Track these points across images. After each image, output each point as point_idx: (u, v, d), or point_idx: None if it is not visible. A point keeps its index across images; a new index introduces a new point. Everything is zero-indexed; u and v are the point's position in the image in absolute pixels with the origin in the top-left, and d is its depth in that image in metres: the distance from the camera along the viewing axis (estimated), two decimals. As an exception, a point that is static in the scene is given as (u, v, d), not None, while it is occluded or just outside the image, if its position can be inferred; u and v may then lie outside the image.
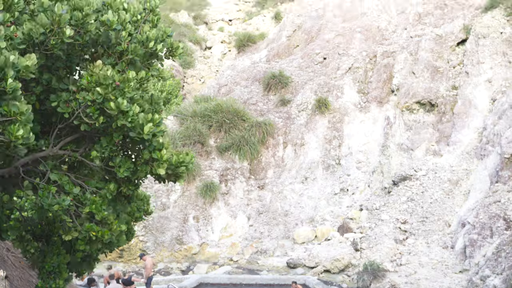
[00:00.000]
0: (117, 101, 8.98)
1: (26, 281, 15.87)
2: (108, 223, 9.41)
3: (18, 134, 8.17)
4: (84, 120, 9.31)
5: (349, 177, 35.54)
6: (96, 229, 9.26)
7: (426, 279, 25.09)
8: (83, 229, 9.27)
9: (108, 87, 9.04)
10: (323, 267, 29.69)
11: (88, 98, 9.09)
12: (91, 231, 9.25)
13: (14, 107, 8.09)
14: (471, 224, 26.37)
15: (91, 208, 9.18)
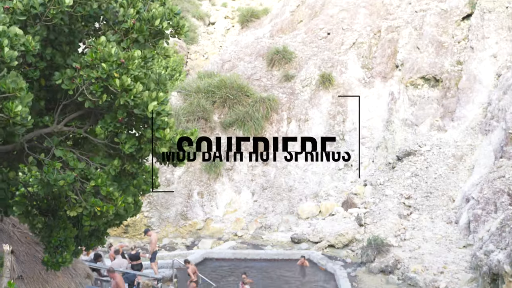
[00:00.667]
0: (121, 78, 8.94)
1: (32, 256, 15.94)
2: (113, 198, 9.42)
3: (17, 110, 8.15)
4: (88, 97, 9.28)
5: (353, 152, 35.50)
6: (101, 204, 9.27)
7: (430, 254, 25.16)
8: (87, 204, 9.28)
9: (113, 64, 9.00)
10: (327, 242, 29.79)
11: (92, 75, 9.06)
12: (95, 206, 9.26)
13: (13, 83, 8.07)
14: (475, 199, 26.37)
15: (97, 182, 9.18)
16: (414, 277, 23.41)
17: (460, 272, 23.25)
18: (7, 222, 15.82)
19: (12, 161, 10.34)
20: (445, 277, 23.10)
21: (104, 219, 9.74)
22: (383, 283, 24.26)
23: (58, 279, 16.15)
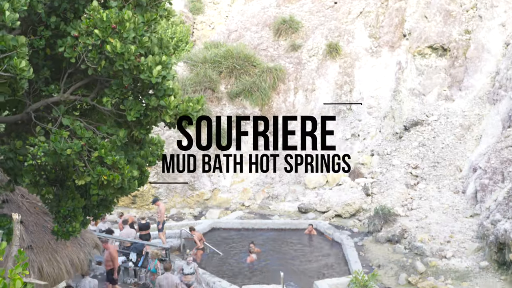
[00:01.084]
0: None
1: (41, 227, 16.05)
2: (119, 167, 9.43)
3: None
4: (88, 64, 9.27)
5: (360, 122, 35.46)
6: (107, 173, 9.29)
7: (437, 224, 25.22)
8: (94, 173, 9.30)
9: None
10: (334, 211, 29.88)
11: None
12: (102, 175, 9.28)
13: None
14: (483, 169, 26.34)
15: (100, 152, 9.19)
16: (421, 247, 23.49)
17: (466, 241, 23.31)
18: (16, 193, 15.91)
19: (19, 131, 10.36)
20: (452, 246, 23.17)
21: (111, 189, 9.77)
22: (389, 253, 24.36)
23: (67, 248, 16.28)
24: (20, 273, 6.51)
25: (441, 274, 21.35)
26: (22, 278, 6.18)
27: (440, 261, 22.32)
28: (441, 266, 22.01)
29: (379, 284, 21.13)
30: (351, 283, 20.28)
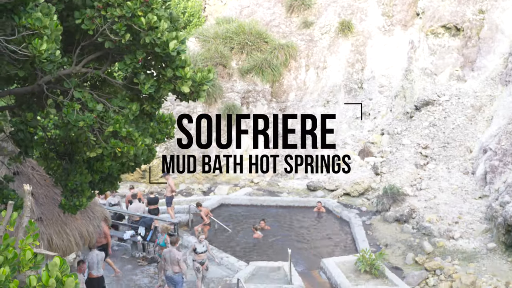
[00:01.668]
0: (147, 16, 8.89)
1: (51, 199, 16.14)
2: (133, 139, 9.46)
3: (42, 49, 8.13)
4: (109, 37, 9.24)
5: (371, 101, 35.35)
6: (121, 145, 9.31)
7: (446, 204, 25.21)
8: (108, 146, 9.32)
9: (137, 2, 8.92)
10: (343, 190, 29.91)
11: (116, 14, 8.99)
12: (116, 147, 9.30)
13: (38, 20, 8.03)
14: (493, 150, 26.24)
15: (115, 127, 9.20)
16: (429, 227, 23.50)
17: (475, 222, 23.31)
18: (26, 165, 15.99)
19: (30, 103, 10.38)
20: (460, 227, 23.17)
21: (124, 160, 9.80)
22: (397, 232, 24.39)
23: (76, 221, 16.38)
24: (30, 244, 6.57)
25: (448, 255, 21.38)
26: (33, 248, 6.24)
27: (447, 241, 22.34)
28: (448, 246, 22.03)
29: (386, 263, 21.19)
30: (358, 261, 20.37)
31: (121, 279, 20.39)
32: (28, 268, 6.04)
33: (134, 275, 20.86)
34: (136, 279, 20.46)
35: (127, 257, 22.58)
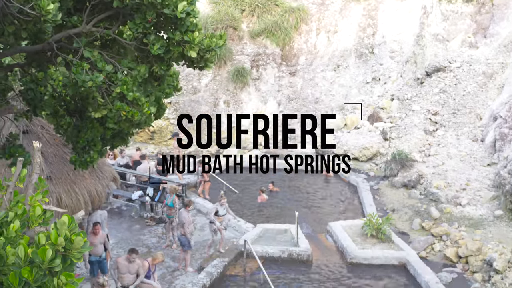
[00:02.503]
0: None
1: (60, 158, 16.22)
2: (139, 104, 9.44)
3: (49, 9, 8.09)
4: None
5: (382, 66, 35.12)
6: (127, 109, 9.30)
7: (454, 171, 25.19)
8: (114, 108, 9.31)
9: None
10: (352, 154, 29.90)
11: None
12: (122, 111, 9.29)
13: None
14: (503, 118, 26.12)
15: (122, 88, 9.18)
16: (437, 193, 23.53)
17: (482, 189, 23.31)
18: (35, 124, 16.04)
19: (40, 61, 10.36)
20: (467, 194, 23.19)
21: (128, 123, 9.80)
22: (405, 197, 24.44)
23: (85, 180, 16.48)
24: (40, 200, 6.62)
25: (455, 221, 21.43)
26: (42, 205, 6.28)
27: (454, 208, 22.38)
28: (455, 213, 22.08)
29: (392, 228, 21.28)
30: (365, 225, 20.46)
31: (129, 239, 20.57)
32: (37, 224, 6.09)
33: (142, 235, 21.03)
34: (144, 239, 20.64)
35: (135, 217, 22.75)
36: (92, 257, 16.23)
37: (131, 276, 14.52)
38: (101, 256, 16.20)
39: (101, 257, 16.22)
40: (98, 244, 16.07)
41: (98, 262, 16.22)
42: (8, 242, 5.24)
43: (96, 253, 16.14)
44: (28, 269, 4.71)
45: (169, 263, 18.49)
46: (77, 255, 4.95)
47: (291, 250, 19.01)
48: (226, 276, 17.87)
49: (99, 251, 16.15)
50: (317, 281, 17.62)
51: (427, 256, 19.45)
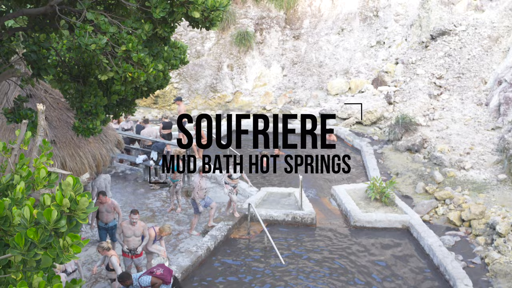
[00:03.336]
0: None
1: (64, 122, 16.22)
2: (144, 65, 9.39)
3: None
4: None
5: (386, 30, 34.88)
6: (132, 70, 9.25)
7: (458, 135, 25.16)
8: (119, 69, 9.26)
9: None
10: (355, 118, 29.89)
11: None
12: (127, 72, 9.24)
13: None
14: (508, 82, 26.00)
15: (128, 46, 9.11)
16: (440, 157, 23.54)
17: (486, 154, 23.30)
18: (39, 88, 16.01)
19: (43, 24, 10.31)
20: (471, 158, 23.19)
21: (134, 85, 9.76)
22: (408, 161, 24.47)
23: (89, 144, 16.51)
24: (44, 163, 6.64)
25: (459, 185, 21.48)
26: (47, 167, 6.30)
27: (458, 172, 22.41)
28: (459, 177, 22.11)
29: (396, 191, 21.35)
30: (368, 189, 20.52)
31: (133, 203, 20.68)
32: (42, 186, 6.12)
33: (146, 199, 21.13)
34: (148, 203, 20.74)
35: (139, 181, 22.83)
36: (100, 222, 16.33)
37: (137, 239, 14.61)
38: (107, 224, 16.27)
39: (107, 225, 16.28)
40: (104, 212, 16.14)
41: (105, 228, 16.33)
42: (13, 204, 5.26)
43: (103, 219, 16.24)
44: (33, 229, 4.74)
45: (174, 227, 18.61)
46: (82, 215, 4.97)
47: (295, 213, 19.10)
48: (230, 239, 18.00)
49: (104, 218, 16.22)
50: (321, 244, 17.73)
51: (430, 219, 19.54)
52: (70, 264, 13.14)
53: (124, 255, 14.78)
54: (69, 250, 4.87)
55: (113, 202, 16.21)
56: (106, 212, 16.12)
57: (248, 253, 17.22)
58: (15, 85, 14.19)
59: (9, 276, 5.12)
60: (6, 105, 13.59)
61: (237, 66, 35.03)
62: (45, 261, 4.94)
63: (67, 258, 4.86)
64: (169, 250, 16.89)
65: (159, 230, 15.04)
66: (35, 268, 5.06)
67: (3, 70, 10.50)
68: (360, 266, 16.49)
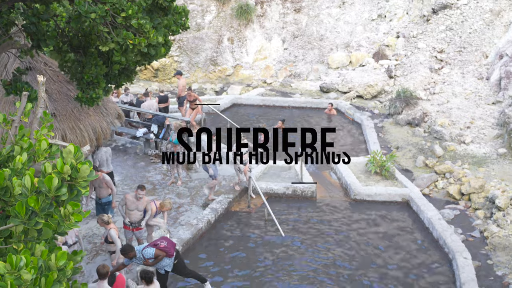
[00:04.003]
0: None
1: (64, 95, 16.20)
2: (145, 31, 9.35)
3: None
4: None
5: (388, 3, 34.64)
6: (132, 37, 9.20)
7: (458, 109, 25.14)
8: (119, 38, 9.21)
9: None
10: (356, 92, 29.84)
11: None
12: (127, 39, 9.20)
13: None
14: (509, 56, 25.92)
15: (128, 13, 9.05)
16: (441, 131, 23.53)
17: (486, 128, 23.30)
18: (39, 61, 15.96)
19: (43, -6, 10.25)
20: (471, 132, 23.19)
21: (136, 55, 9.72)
22: (409, 135, 24.46)
23: (90, 117, 16.50)
24: (45, 134, 6.64)
25: (459, 159, 21.50)
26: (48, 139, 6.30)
27: (458, 146, 22.42)
28: (459, 151, 22.13)
29: (396, 165, 21.38)
30: (369, 162, 20.54)
31: (134, 176, 20.71)
32: (43, 158, 6.12)
33: (147, 172, 21.15)
34: (149, 176, 20.77)
35: (140, 155, 22.84)
36: (96, 197, 16.33)
37: (139, 213, 14.65)
38: (100, 199, 16.18)
39: (100, 200, 16.20)
40: (97, 187, 16.10)
41: (99, 204, 16.25)
42: (14, 174, 5.27)
43: (97, 194, 16.23)
44: (34, 198, 4.75)
45: (175, 199, 18.66)
46: (83, 184, 4.98)
47: (295, 186, 19.14)
48: (230, 212, 18.07)
49: (97, 192, 16.18)
50: (321, 217, 17.80)
51: (430, 193, 19.59)
52: (71, 236, 13.20)
53: (125, 227, 14.84)
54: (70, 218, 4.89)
55: (104, 177, 16.07)
56: (98, 187, 16.09)
57: (248, 226, 17.29)
58: (14, 57, 14.14)
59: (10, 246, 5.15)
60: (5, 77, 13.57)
61: (237, 39, 34.89)
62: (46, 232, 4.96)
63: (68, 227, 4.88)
64: (170, 223, 16.96)
65: (160, 205, 15.07)
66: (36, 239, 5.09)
67: (2, 41, 10.46)
68: (359, 238, 16.58)
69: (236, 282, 14.36)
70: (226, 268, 14.95)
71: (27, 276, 4.52)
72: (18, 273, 4.50)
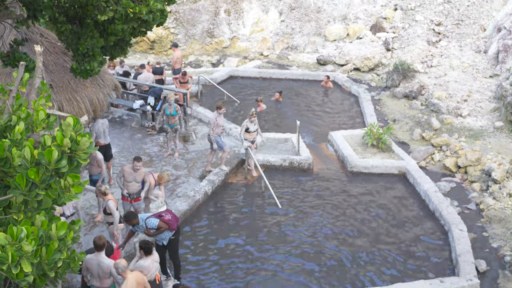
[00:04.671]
0: None
1: (60, 66, 16.11)
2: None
3: None
4: None
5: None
6: (132, 6, 9.14)
7: (456, 82, 25.11)
8: (120, 6, 9.15)
9: None
10: (353, 65, 29.77)
11: None
12: (128, 8, 9.14)
13: None
14: (507, 29, 25.84)
15: (126, -22, 8.99)
16: (438, 104, 23.54)
17: (483, 101, 23.30)
18: (35, 32, 15.84)
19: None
20: (468, 105, 23.21)
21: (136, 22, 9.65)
22: (406, 108, 24.46)
23: (86, 89, 16.43)
24: (43, 105, 6.62)
25: (455, 132, 21.54)
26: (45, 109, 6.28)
27: (455, 119, 22.45)
28: (456, 124, 22.16)
29: (393, 138, 21.40)
30: (365, 135, 20.55)
31: (130, 148, 20.71)
32: (41, 128, 6.10)
33: (143, 144, 21.15)
34: (145, 148, 20.77)
35: (136, 127, 22.82)
36: None
37: (137, 184, 14.69)
38: (91, 176, 16.13)
39: (91, 177, 16.13)
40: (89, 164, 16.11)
41: (91, 180, 16.17)
42: (13, 145, 5.26)
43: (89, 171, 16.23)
44: (34, 170, 4.74)
45: (172, 171, 18.69)
46: (83, 156, 4.98)
47: (292, 158, 19.16)
48: (227, 184, 18.10)
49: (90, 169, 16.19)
50: (318, 189, 17.85)
51: (426, 165, 19.64)
52: (68, 208, 13.23)
53: (124, 199, 14.87)
54: (70, 190, 4.89)
55: (96, 155, 15.91)
56: (90, 164, 16.05)
57: (245, 197, 17.35)
58: (10, 28, 14.04)
59: (10, 216, 5.15)
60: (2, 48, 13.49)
61: (234, 11, 34.70)
62: (46, 202, 4.97)
63: (68, 198, 4.88)
64: (167, 194, 16.99)
65: (158, 177, 15.09)
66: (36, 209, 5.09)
67: (-2, 12, 10.38)
68: (356, 210, 16.65)
69: (236, 248, 14.44)
70: (223, 241, 15.03)
71: (28, 248, 4.53)
72: (19, 244, 4.51)
